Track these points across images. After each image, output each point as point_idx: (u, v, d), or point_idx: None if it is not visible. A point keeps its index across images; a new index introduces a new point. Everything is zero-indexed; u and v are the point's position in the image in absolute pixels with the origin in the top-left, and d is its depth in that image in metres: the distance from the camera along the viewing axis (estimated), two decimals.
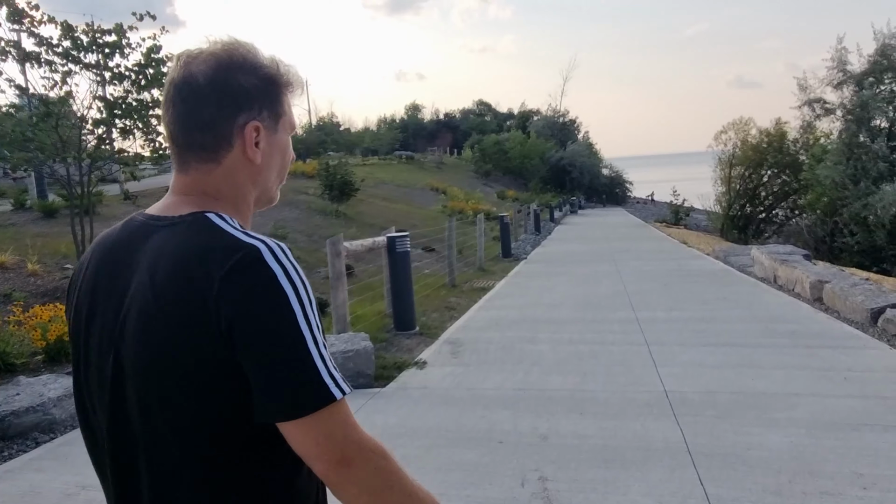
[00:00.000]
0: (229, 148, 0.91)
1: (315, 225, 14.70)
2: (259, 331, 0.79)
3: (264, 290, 0.80)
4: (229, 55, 0.91)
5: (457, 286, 10.00)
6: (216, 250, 0.82)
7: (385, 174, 34.96)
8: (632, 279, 10.14)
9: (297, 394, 0.79)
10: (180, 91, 0.90)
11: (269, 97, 0.94)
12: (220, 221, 0.87)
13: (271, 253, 0.82)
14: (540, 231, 21.42)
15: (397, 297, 6.51)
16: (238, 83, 0.91)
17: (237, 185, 0.93)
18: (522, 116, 70.80)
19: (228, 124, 0.91)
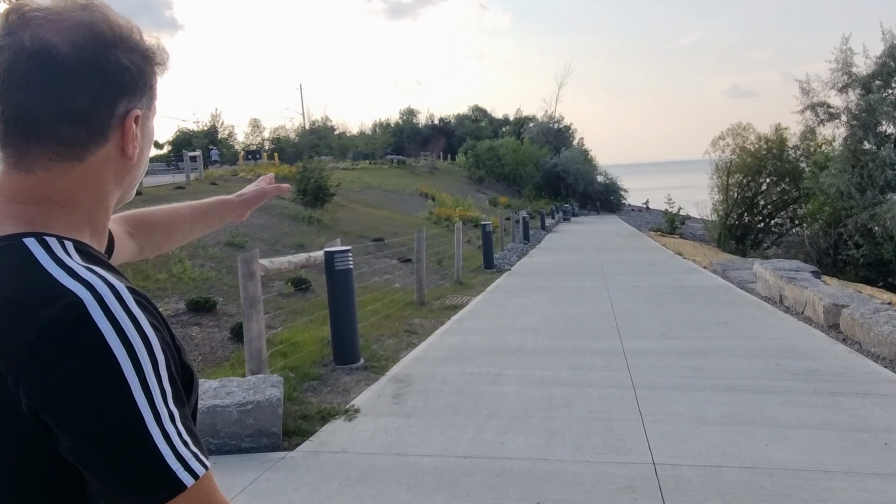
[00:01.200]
0: (103, 143, 0.72)
1: (282, 233, 13.64)
2: (80, 417, 0.61)
3: (83, 361, 0.61)
4: (99, 24, 0.70)
5: (426, 304, 8.95)
6: (23, 304, 0.63)
7: (373, 179, 33.98)
8: (621, 297, 9.10)
9: (137, 488, 0.63)
10: (36, 65, 0.67)
11: (146, 79, 0.76)
12: (40, 253, 0.67)
13: (99, 303, 0.63)
14: (528, 240, 20.39)
15: (337, 325, 5.45)
16: (119, 62, 0.71)
17: (98, 187, 0.74)
18: (518, 122, 70.04)
19: (107, 114, 0.71)
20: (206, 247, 10.46)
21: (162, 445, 0.63)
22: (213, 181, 20.65)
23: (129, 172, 0.78)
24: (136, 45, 0.74)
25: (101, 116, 0.71)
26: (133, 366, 0.63)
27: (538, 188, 46.78)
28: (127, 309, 0.65)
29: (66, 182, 0.72)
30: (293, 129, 70.68)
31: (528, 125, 62.17)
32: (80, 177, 0.72)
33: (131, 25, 0.75)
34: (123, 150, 0.75)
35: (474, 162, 51.67)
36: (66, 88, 0.68)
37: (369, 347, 6.23)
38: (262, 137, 67.61)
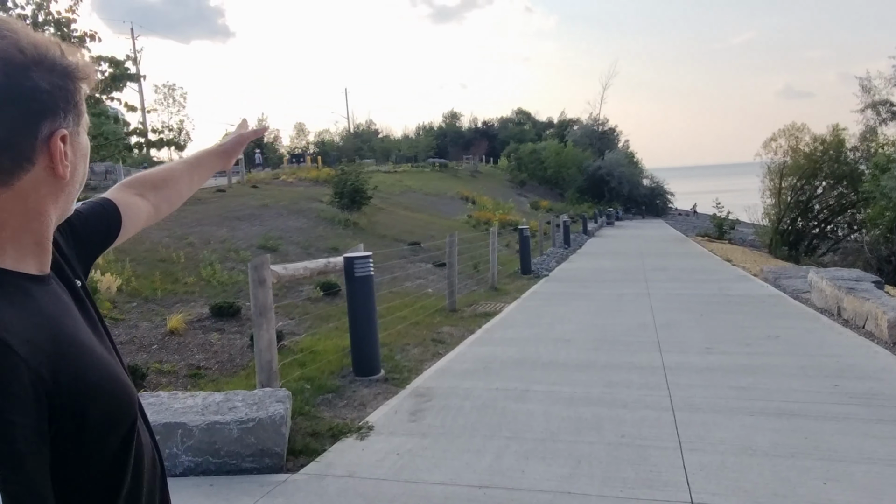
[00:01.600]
0: (29, 167, 0.72)
1: (317, 236, 13.53)
2: None
3: None
4: (16, 46, 0.70)
5: (457, 311, 8.65)
6: None
7: (414, 182, 33.89)
8: (663, 306, 8.62)
9: None
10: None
11: (70, 97, 0.75)
12: None
13: None
14: (569, 244, 19.87)
15: (357, 335, 5.19)
16: (36, 85, 0.71)
17: (30, 210, 0.74)
18: (561, 125, 69.16)
19: (29, 140, 0.71)
20: (238, 250, 10.40)
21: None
22: (254, 184, 20.77)
23: (64, 190, 0.78)
24: (53, 64, 0.73)
25: (23, 143, 0.71)
26: None
27: (581, 191, 45.95)
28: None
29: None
30: (337, 133, 71.54)
31: (572, 128, 61.27)
32: (8, 201, 0.72)
33: (48, 44, 0.74)
34: (54, 171, 0.74)
35: (516, 165, 51.18)
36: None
37: (393, 357, 5.96)
38: (307, 141, 68.59)
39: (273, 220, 14.48)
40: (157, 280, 8.18)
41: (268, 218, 14.67)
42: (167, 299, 7.63)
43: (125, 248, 9.06)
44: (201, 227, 12.19)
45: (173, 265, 8.97)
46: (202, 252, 9.78)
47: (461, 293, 10.57)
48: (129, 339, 5.78)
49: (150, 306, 7.17)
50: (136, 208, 1.09)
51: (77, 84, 0.76)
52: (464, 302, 9.49)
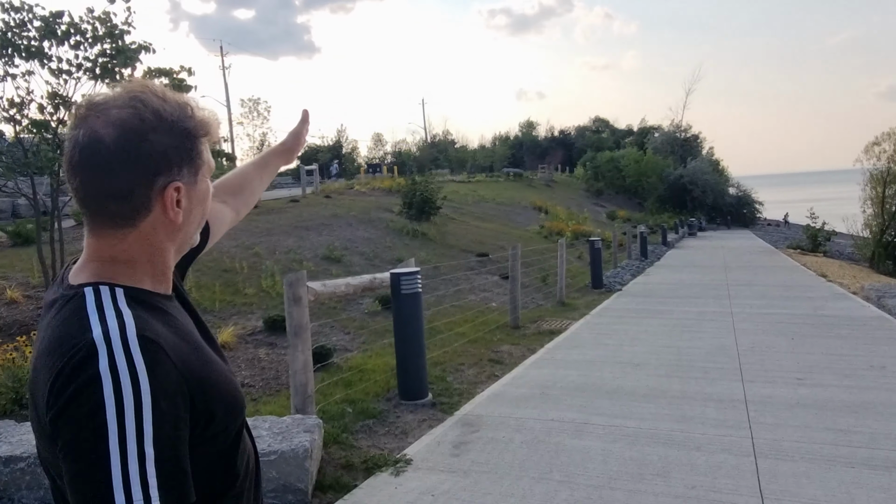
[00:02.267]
0: (147, 214, 0.89)
1: (385, 246, 13.39)
2: (63, 438, 0.77)
3: (77, 393, 0.77)
4: (139, 115, 0.86)
5: (520, 327, 8.19)
6: (62, 341, 0.81)
7: (488, 191, 33.56)
8: (748, 327, 7.85)
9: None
10: (86, 156, 0.84)
11: (187, 153, 0.91)
12: (90, 301, 0.85)
13: (107, 346, 0.79)
14: (647, 256, 18.94)
15: (403, 356, 4.86)
16: (153, 147, 0.86)
17: (153, 245, 0.92)
18: (642, 133, 67.12)
19: (145, 191, 0.87)
20: (301, 260, 10.35)
21: (116, 483, 0.74)
22: (327, 194, 21.02)
23: (180, 231, 0.94)
24: (174, 126, 0.88)
25: (140, 193, 0.86)
26: (115, 405, 0.76)
27: (661, 201, 44.22)
28: (128, 352, 0.79)
29: (124, 244, 0.90)
30: (414, 143, 72.27)
31: (653, 135, 59.25)
32: (135, 240, 0.90)
33: (173, 108, 0.89)
34: (167, 217, 0.90)
35: (593, 174, 49.91)
36: (106, 174, 0.84)
37: (444, 378, 5.60)
38: (385, 151, 69.58)
39: (342, 230, 14.48)
40: (217, 291, 8.18)
41: (337, 228, 14.69)
42: (225, 311, 7.59)
43: None
44: (270, 236, 12.28)
45: (236, 275, 8.98)
46: (266, 262, 9.77)
47: (526, 308, 10.11)
48: None
49: (207, 318, 7.12)
50: (221, 214, 1.23)
51: (195, 141, 0.91)
52: (528, 317, 9.03)
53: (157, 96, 0.88)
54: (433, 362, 6.19)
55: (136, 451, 0.75)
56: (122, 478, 0.74)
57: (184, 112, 0.90)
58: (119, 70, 5.20)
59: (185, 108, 0.90)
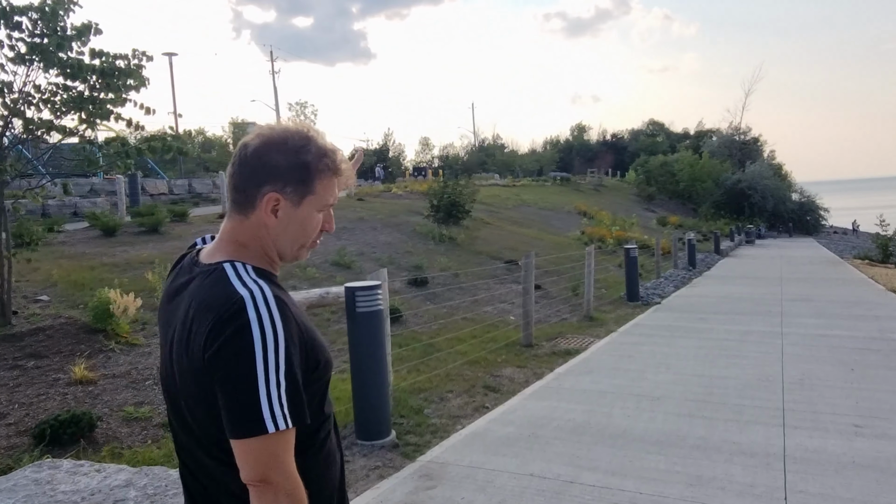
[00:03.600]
0: (252, 209, 1.18)
1: (405, 251, 12.63)
2: (223, 367, 1.05)
3: (234, 335, 1.05)
4: (279, 136, 1.17)
5: (533, 345, 7.28)
6: (215, 301, 1.09)
7: (532, 196, 32.57)
8: (799, 352, 6.73)
9: (237, 421, 1.04)
10: (238, 154, 1.19)
11: (297, 177, 1.17)
12: (231, 273, 1.14)
13: (253, 301, 1.08)
14: (695, 266, 17.59)
15: (359, 389, 4.04)
16: (272, 160, 1.16)
17: (258, 238, 1.20)
18: (698, 136, 64.62)
19: (255, 190, 1.17)
20: (307, 266, 9.68)
21: (263, 400, 1.04)
22: (360, 197, 20.48)
23: (279, 236, 1.19)
24: (293, 152, 1.16)
25: (251, 191, 1.17)
26: (262, 343, 1.05)
27: (717, 206, 42.17)
28: (269, 308, 1.08)
29: (241, 230, 1.20)
30: (462, 147, 71.65)
31: (710, 138, 56.81)
32: (246, 229, 1.20)
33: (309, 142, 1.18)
34: (262, 218, 1.18)
35: (644, 178, 48.13)
36: (242, 169, 1.18)
37: (422, 410, 4.77)
38: (432, 155, 69.19)
39: (364, 234, 13.82)
40: None
41: (359, 232, 14.04)
42: None
43: None
44: None
45: None
46: None
47: (548, 322, 9.18)
48: (126, 370, 5.05)
49: None
50: None
51: (312, 172, 1.17)
52: (546, 333, 8.10)
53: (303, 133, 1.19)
54: (416, 388, 5.37)
55: (276, 379, 1.05)
56: (266, 396, 1.04)
57: (319, 150, 1.18)
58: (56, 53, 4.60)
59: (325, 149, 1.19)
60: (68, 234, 10.92)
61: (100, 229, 10.73)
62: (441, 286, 10.34)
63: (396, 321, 7.91)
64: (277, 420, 1.04)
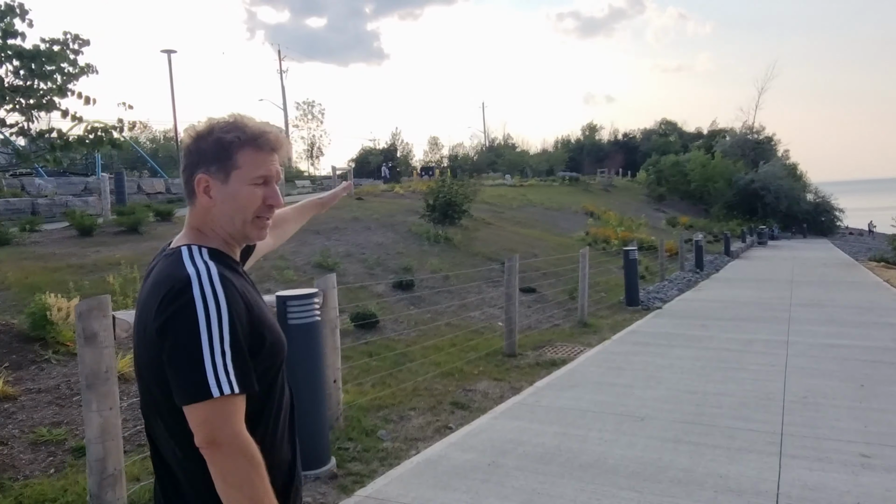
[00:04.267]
0: (194, 195, 1.29)
1: (395, 253, 12.14)
2: (170, 339, 1.14)
3: (180, 309, 1.14)
4: (204, 127, 1.29)
5: (517, 355, 6.76)
6: (166, 278, 1.19)
7: (539, 196, 32.00)
8: (804, 364, 6.18)
9: (184, 387, 1.12)
10: (182, 153, 1.32)
11: (216, 154, 1.26)
12: (185, 254, 1.23)
13: (198, 278, 1.17)
14: (702, 268, 16.97)
15: None
16: (199, 147, 1.28)
17: (206, 222, 1.29)
18: (711, 136, 63.61)
19: (190, 179, 1.29)
20: (286, 269, 9.23)
21: (208, 367, 1.11)
22: (359, 196, 20.04)
23: (218, 215, 1.29)
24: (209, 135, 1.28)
25: (189, 179, 1.29)
26: (205, 316, 1.13)
27: (729, 207, 41.36)
28: (212, 284, 1.17)
29: (194, 217, 1.31)
30: (472, 147, 71.11)
31: (722, 138, 55.82)
32: (196, 214, 1.30)
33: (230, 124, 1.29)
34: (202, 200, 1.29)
35: (655, 178, 47.31)
36: (182, 166, 1.31)
37: (375, 432, 4.28)
38: (441, 155, 68.67)
39: (355, 235, 13.36)
40: None
41: (351, 232, 13.58)
42: None
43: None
44: None
45: None
46: None
47: (538, 329, 8.66)
48: (55, 384, 4.59)
49: None
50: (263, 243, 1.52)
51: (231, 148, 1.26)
52: (534, 341, 7.59)
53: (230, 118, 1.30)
54: (376, 405, 4.88)
55: (220, 349, 1.12)
56: (211, 363, 1.11)
57: (224, 127, 1.27)
58: None
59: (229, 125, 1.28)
60: (45, 233, 10.55)
61: (76, 228, 10.34)
62: (429, 289, 9.84)
63: (373, 328, 7.43)
64: (222, 385, 1.11)
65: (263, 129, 1.28)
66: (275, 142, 1.28)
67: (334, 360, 4.18)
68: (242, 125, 1.26)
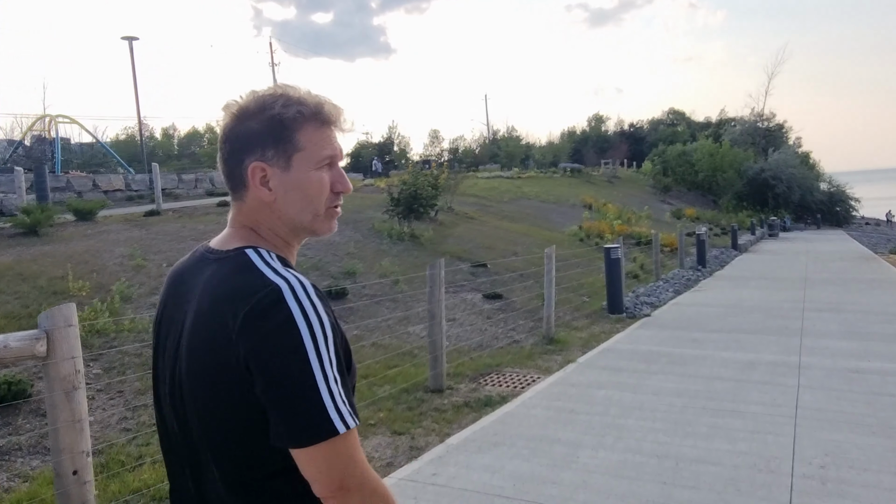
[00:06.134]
0: (245, 189, 1.02)
1: (344, 254, 10.57)
2: (271, 367, 0.88)
3: (278, 329, 0.89)
4: (248, 103, 1.01)
5: (444, 390, 5.19)
6: (244, 289, 0.92)
7: (536, 188, 30.36)
8: (823, 402, 4.58)
9: (303, 427, 0.87)
10: (219, 140, 1.05)
11: (274, 136, 1.00)
12: (256, 259, 0.97)
13: (292, 291, 0.91)
14: (705, 264, 15.29)
15: None
16: (243, 130, 1.01)
17: (262, 220, 1.03)
18: (720, 125, 61.54)
19: (239, 169, 1.02)
20: None
21: (326, 398, 0.88)
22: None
23: (281, 210, 1.02)
24: (260, 114, 1.00)
25: (236, 170, 1.02)
26: (310, 337, 0.89)
27: (739, 198, 39.51)
28: (310, 297, 0.92)
29: (244, 215, 1.04)
30: (474, 140, 69.42)
31: (732, 126, 53.74)
32: (248, 212, 1.03)
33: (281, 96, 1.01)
34: (257, 193, 1.01)
35: (661, 169, 45.44)
36: (223, 154, 1.04)
37: None
38: (441, 148, 67.01)
39: None
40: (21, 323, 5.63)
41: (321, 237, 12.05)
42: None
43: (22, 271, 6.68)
44: (189, 242, 9.74)
45: (69, 299, 6.41)
46: (131, 280, 7.16)
47: (496, 345, 7.08)
48: None
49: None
50: None
51: (287, 127, 1.00)
52: (477, 367, 6.01)
53: (278, 90, 1.02)
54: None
55: (332, 374, 0.90)
56: (328, 393, 0.88)
57: (277, 101, 0.99)
58: None
59: (284, 98, 1.00)
60: None
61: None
62: (367, 298, 8.29)
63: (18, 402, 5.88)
64: (346, 417, 0.90)
65: (320, 99, 1.03)
66: (336, 113, 1.04)
67: (74, 441, 2.64)
68: (298, 97, 1.01)
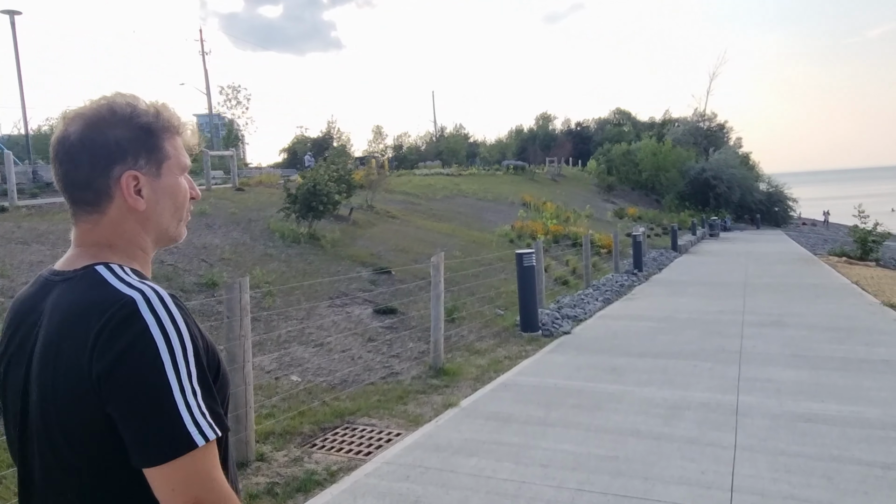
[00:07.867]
0: (110, 200, 0.95)
1: (219, 259, 8.92)
2: (124, 383, 0.84)
3: (132, 342, 0.84)
4: (98, 112, 0.96)
5: (250, 462, 3.68)
6: (95, 306, 0.87)
7: (475, 186, 29.00)
8: (767, 474, 3.24)
9: (159, 443, 0.83)
10: (57, 150, 0.95)
11: (145, 146, 0.97)
12: (107, 274, 0.91)
13: (147, 303, 0.87)
14: (641, 268, 14.18)
15: None
16: (107, 138, 0.94)
17: (125, 233, 0.97)
18: (664, 125, 61.74)
19: (104, 179, 0.95)
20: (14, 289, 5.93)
21: (184, 412, 0.84)
22: (239, 187, 16.70)
23: (150, 220, 0.98)
24: (126, 122, 0.95)
25: (99, 181, 0.94)
26: (167, 349, 0.85)
27: (682, 197, 39.09)
28: (167, 308, 0.87)
29: (100, 230, 0.96)
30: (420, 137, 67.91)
31: (675, 126, 53.74)
32: (108, 227, 0.96)
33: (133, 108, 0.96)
34: (129, 204, 0.95)
35: (606, 168, 44.89)
36: (72, 164, 0.94)
37: None
38: (384, 144, 65.21)
39: (202, 235, 10.06)
40: None
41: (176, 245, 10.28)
42: None
43: None
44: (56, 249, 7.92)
45: None
46: None
47: (367, 378, 5.58)
48: None
49: None
50: None
51: (157, 135, 0.97)
52: (322, 417, 4.51)
53: (121, 100, 0.96)
54: None
55: (190, 387, 0.85)
56: (185, 406, 0.84)
57: (147, 110, 0.97)
58: None
59: (152, 107, 0.98)
60: None
61: None
62: (216, 318, 6.69)
63: None
64: (204, 430, 0.86)
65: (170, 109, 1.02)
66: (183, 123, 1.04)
67: None
68: (153, 106, 0.99)
